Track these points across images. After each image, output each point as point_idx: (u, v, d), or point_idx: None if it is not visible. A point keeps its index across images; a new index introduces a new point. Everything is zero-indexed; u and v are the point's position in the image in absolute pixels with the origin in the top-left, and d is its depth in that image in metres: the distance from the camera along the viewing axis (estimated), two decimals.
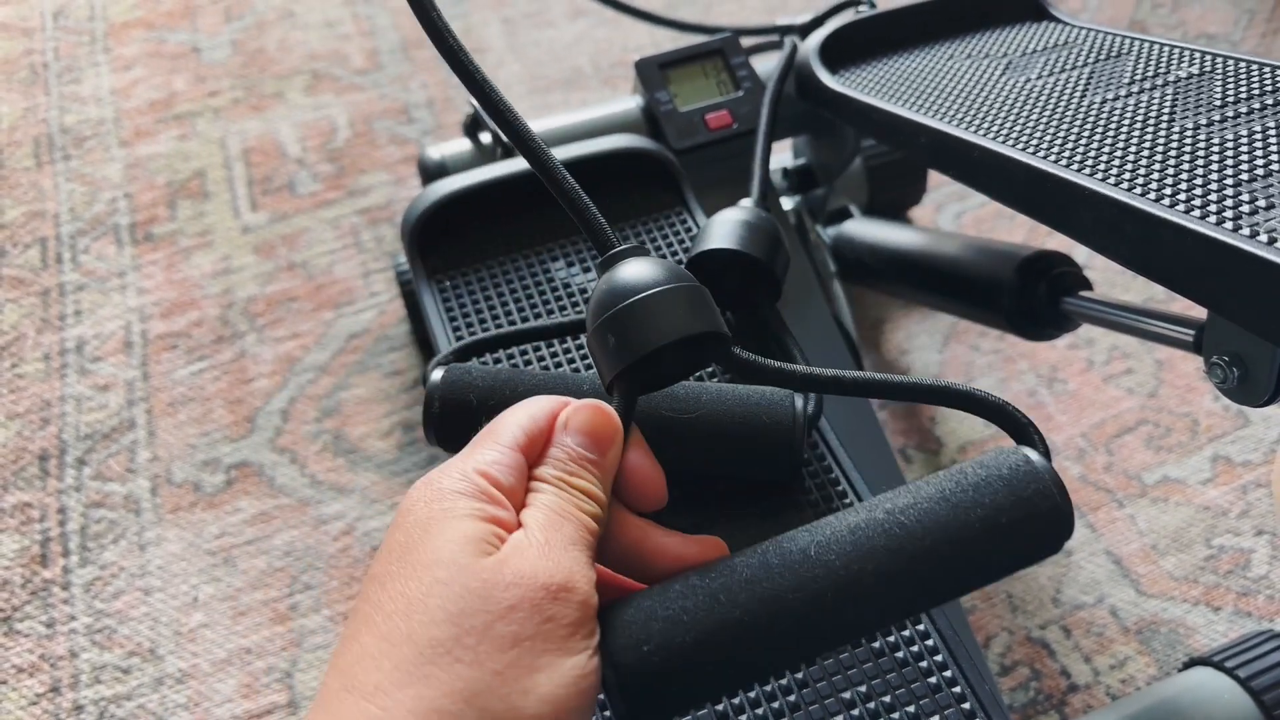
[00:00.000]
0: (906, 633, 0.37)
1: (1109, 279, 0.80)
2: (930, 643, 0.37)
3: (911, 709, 0.35)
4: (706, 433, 0.36)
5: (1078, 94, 0.46)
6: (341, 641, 0.25)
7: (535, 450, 0.29)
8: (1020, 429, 0.30)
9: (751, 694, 0.35)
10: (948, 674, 0.36)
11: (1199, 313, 0.43)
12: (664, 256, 0.49)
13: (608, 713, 0.35)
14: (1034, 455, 0.28)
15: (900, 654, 0.36)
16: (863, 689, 0.36)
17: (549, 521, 0.26)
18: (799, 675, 0.36)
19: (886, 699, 0.35)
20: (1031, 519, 0.27)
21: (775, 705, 0.35)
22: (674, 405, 0.36)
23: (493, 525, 0.26)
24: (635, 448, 0.30)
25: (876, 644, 0.37)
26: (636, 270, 0.30)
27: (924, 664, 0.36)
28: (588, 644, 0.25)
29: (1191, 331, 0.46)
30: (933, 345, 0.77)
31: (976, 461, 0.29)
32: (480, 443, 0.28)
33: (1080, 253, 0.77)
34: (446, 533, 0.25)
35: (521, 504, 0.27)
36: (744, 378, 0.31)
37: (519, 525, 0.26)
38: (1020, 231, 0.84)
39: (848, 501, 0.40)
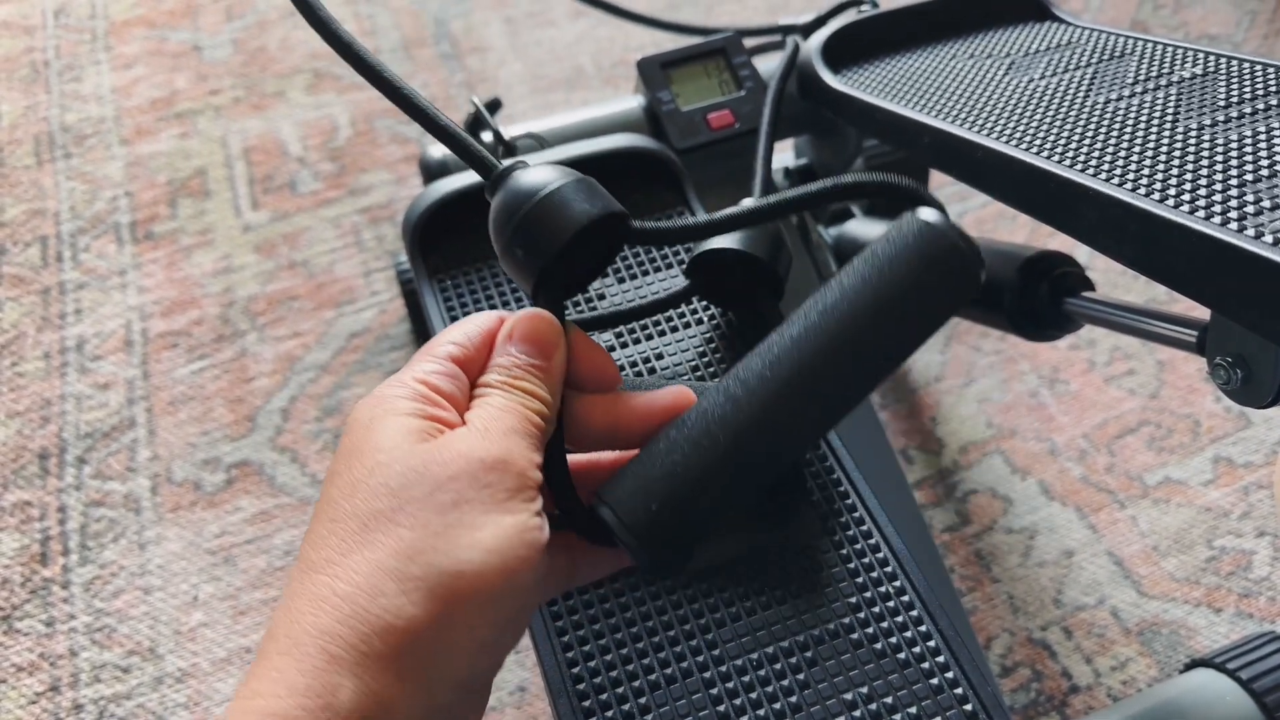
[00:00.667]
0: (909, 634, 0.37)
1: (1110, 280, 0.80)
2: (932, 644, 0.37)
3: (913, 710, 0.35)
4: None
5: (1081, 94, 0.46)
6: (303, 540, 0.27)
7: (474, 364, 0.30)
8: (912, 195, 0.32)
9: (753, 695, 0.35)
10: (950, 675, 0.36)
11: (1202, 313, 0.43)
12: (666, 257, 0.49)
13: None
14: (930, 215, 0.30)
15: (902, 655, 0.36)
16: (864, 690, 0.35)
17: (489, 415, 0.27)
18: (800, 676, 0.36)
19: (888, 700, 0.35)
20: (948, 275, 0.30)
21: (776, 706, 0.35)
22: None
23: (432, 421, 0.27)
24: (577, 340, 0.31)
25: (879, 645, 0.36)
26: (523, 181, 0.30)
27: (926, 665, 0.36)
28: (529, 506, 0.26)
29: (1195, 333, 0.46)
30: (934, 346, 0.77)
31: (883, 238, 0.31)
32: (416, 358, 0.29)
33: (1081, 253, 0.77)
34: (388, 427, 0.27)
35: (464, 409, 0.28)
36: (649, 246, 0.32)
37: (462, 425, 0.28)
38: (1022, 232, 0.84)
39: (850, 503, 0.40)
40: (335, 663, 0.23)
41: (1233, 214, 0.35)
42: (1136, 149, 0.41)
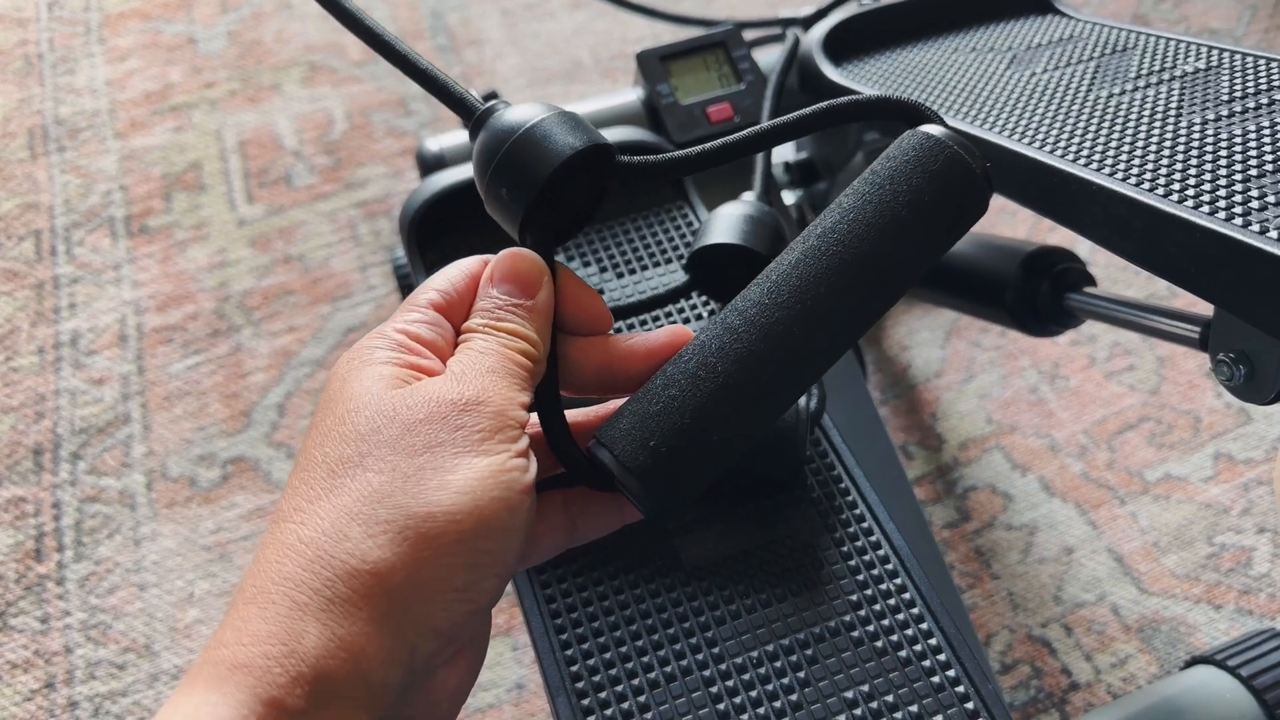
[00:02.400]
0: (909, 631, 0.37)
1: (1111, 275, 0.79)
2: (933, 641, 0.36)
3: (914, 708, 0.35)
4: None
5: (1084, 88, 0.46)
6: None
7: (459, 310, 0.29)
8: (911, 112, 0.30)
9: (753, 693, 0.35)
10: (951, 673, 0.36)
11: (1204, 309, 0.43)
12: (666, 251, 0.49)
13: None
14: (933, 129, 0.29)
15: (903, 653, 0.36)
16: (865, 688, 0.35)
17: (468, 359, 0.27)
18: (800, 674, 0.35)
19: (889, 698, 0.35)
20: (951, 187, 0.28)
21: (776, 704, 0.35)
22: None
23: (410, 370, 0.26)
24: (567, 281, 0.30)
25: (879, 642, 0.36)
26: (504, 120, 0.29)
27: (927, 663, 0.36)
28: (506, 447, 0.25)
29: (1197, 328, 0.46)
30: (934, 341, 0.77)
31: (884, 155, 0.29)
32: (399, 311, 0.29)
33: (1082, 248, 0.77)
34: (363, 377, 0.26)
35: (448, 357, 0.28)
36: (637, 179, 0.31)
37: (443, 371, 0.27)
38: (1023, 227, 0.83)
39: (850, 499, 0.40)
40: (300, 609, 0.22)
41: (1237, 209, 0.35)
42: (1140, 144, 0.40)
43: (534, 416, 0.29)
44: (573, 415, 0.30)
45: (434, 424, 0.25)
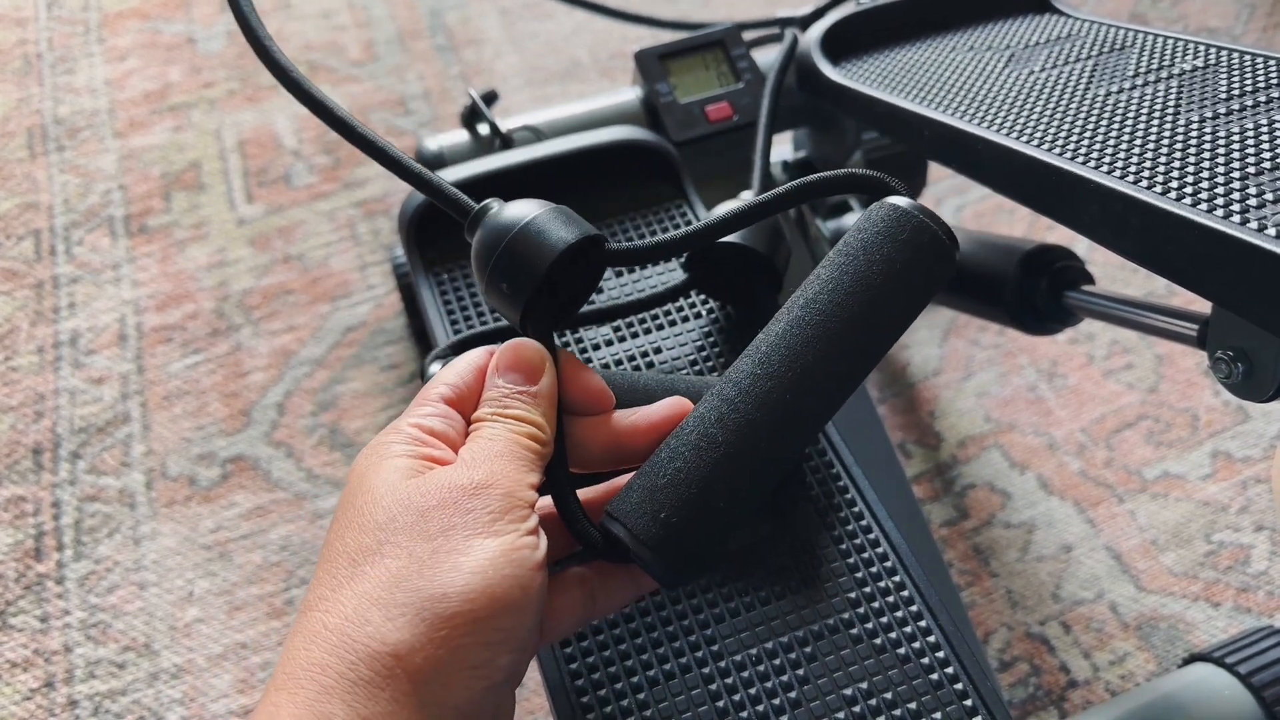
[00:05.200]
0: (908, 629, 0.37)
1: (1109, 273, 0.80)
2: (932, 639, 0.36)
3: (913, 705, 0.35)
4: None
5: (1082, 87, 0.46)
6: None
7: (468, 401, 0.30)
8: (876, 185, 0.32)
9: (752, 690, 0.35)
10: (949, 670, 0.36)
11: (1203, 306, 0.43)
12: None
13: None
14: (899, 201, 0.31)
15: (902, 650, 0.36)
16: (864, 685, 0.35)
17: (477, 446, 0.28)
18: (799, 672, 0.36)
19: (888, 695, 0.35)
20: (920, 254, 0.30)
21: (775, 702, 0.35)
22: None
23: (424, 460, 0.28)
24: (568, 365, 0.32)
25: (878, 640, 0.36)
26: (500, 219, 0.31)
27: (925, 660, 0.36)
28: (516, 527, 0.26)
29: (1195, 326, 0.46)
30: (932, 340, 0.77)
31: (854, 229, 0.31)
32: (411, 406, 0.30)
33: (1080, 246, 0.77)
34: (382, 471, 0.27)
35: (460, 447, 0.29)
36: (627, 265, 0.33)
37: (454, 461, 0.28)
38: (1021, 225, 0.84)
39: (849, 497, 0.40)
40: (327, 692, 0.24)
41: (1235, 207, 0.35)
42: (1138, 142, 0.40)
43: (546, 498, 0.31)
44: (584, 493, 0.32)
45: (446, 509, 0.26)
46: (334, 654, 0.24)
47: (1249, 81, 0.43)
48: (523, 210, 0.30)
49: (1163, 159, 0.39)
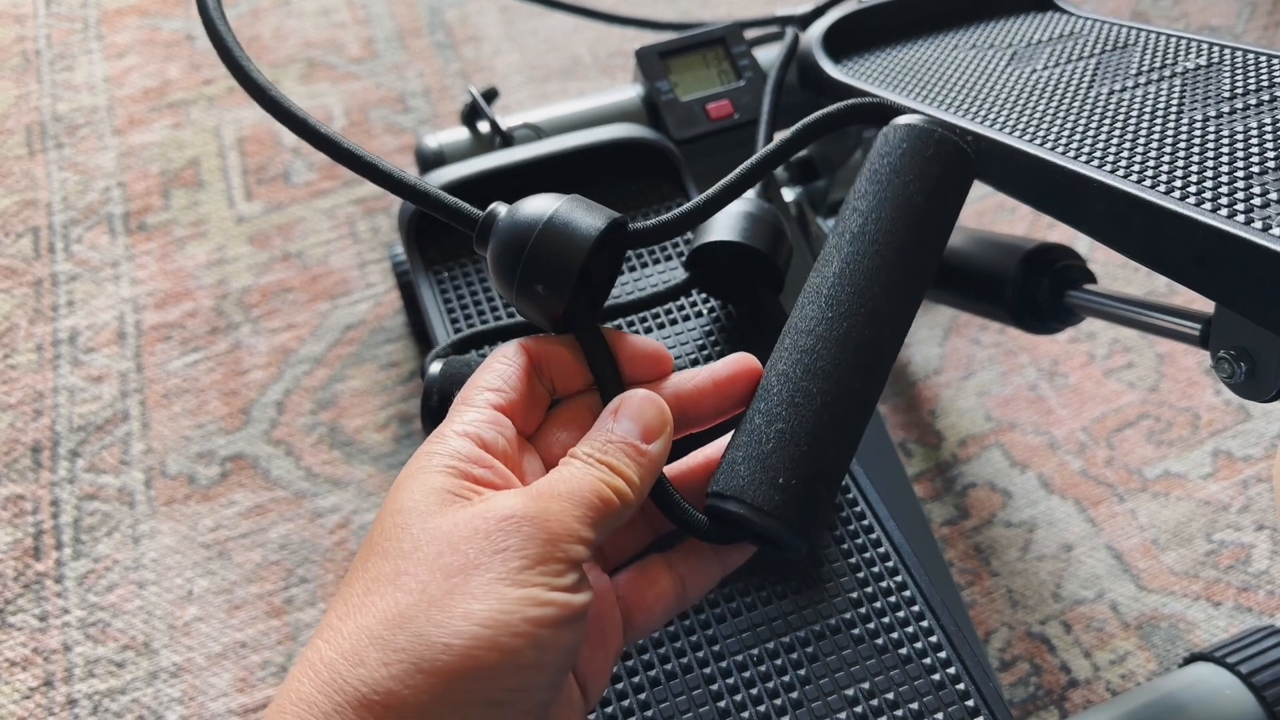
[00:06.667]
0: (910, 629, 0.37)
1: (1110, 272, 0.79)
2: (934, 639, 0.36)
3: (915, 705, 0.35)
4: None
5: (1084, 85, 0.46)
6: None
7: (518, 410, 0.28)
8: (880, 111, 0.33)
9: (753, 690, 0.35)
10: (951, 670, 0.36)
11: (1205, 305, 0.43)
12: (665, 248, 0.49)
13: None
14: (912, 120, 0.31)
15: (903, 650, 0.36)
16: (865, 685, 0.35)
17: (554, 476, 0.26)
18: (800, 671, 0.35)
19: (889, 695, 0.35)
20: (949, 166, 0.31)
21: (777, 702, 0.35)
22: None
23: (465, 480, 0.25)
24: (620, 340, 0.30)
25: (880, 640, 0.36)
26: (516, 217, 0.29)
27: (927, 660, 0.36)
28: (547, 580, 0.23)
29: (1198, 326, 0.45)
30: (933, 338, 0.77)
31: (875, 155, 0.31)
32: (453, 410, 0.28)
33: (1081, 245, 0.77)
34: (415, 487, 0.25)
35: (515, 463, 0.27)
36: (653, 243, 0.32)
37: (504, 485, 0.26)
38: (1022, 224, 0.83)
39: (850, 496, 0.40)
40: None
41: (1239, 206, 0.35)
42: (1141, 140, 0.40)
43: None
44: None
45: (478, 540, 0.23)
46: (323, 692, 0.22)
47: (1252, 80, 0.43)
48: (539, 206, 0.29)
49: (1166, 158, 0.39)
